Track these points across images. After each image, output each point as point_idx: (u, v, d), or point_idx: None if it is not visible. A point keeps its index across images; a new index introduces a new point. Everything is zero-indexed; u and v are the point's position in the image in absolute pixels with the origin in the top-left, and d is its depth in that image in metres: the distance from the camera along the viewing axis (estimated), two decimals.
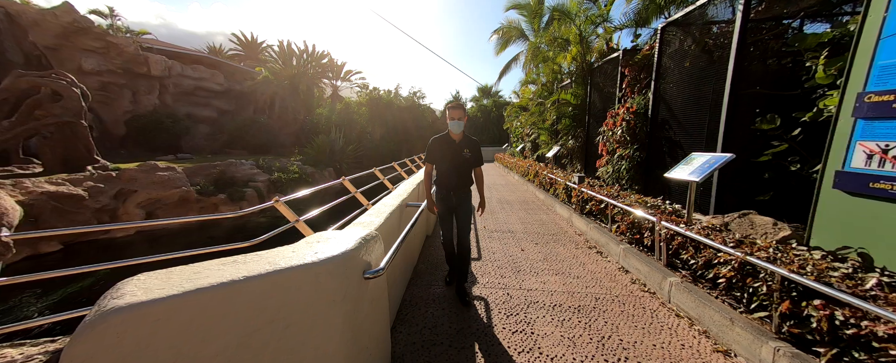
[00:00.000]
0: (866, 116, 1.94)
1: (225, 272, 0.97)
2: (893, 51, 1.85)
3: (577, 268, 3.26)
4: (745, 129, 3.00)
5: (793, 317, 1.69)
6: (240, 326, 0.93)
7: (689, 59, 3.68)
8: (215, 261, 1.07)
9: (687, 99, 3.68)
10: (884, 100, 1.86)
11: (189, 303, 0.85)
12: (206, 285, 0.89)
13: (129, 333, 0.78)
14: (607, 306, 2.50)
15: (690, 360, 1.87)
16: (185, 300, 0.84)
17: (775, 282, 1.78)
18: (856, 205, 2.00)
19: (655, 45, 4.18)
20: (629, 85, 4.96)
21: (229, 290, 0.91)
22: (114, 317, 0.77)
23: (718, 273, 2.18)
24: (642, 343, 2.04)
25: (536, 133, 9.67)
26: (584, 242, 4.12)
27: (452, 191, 2.50)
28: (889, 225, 1.84)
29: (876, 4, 1.93)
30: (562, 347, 2.00)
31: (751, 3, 2.84)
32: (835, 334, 1.49)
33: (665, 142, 4.12)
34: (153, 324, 0.80)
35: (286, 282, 1.02)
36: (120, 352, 0.76)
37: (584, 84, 6.66)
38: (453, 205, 2.54)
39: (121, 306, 0.79)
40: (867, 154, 1.94)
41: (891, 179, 1.83)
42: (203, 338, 0.87)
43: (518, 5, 17.52)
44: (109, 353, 0.76)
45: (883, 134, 1.87)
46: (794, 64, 2.67)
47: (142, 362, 0.79)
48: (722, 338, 2.00)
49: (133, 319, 0.78)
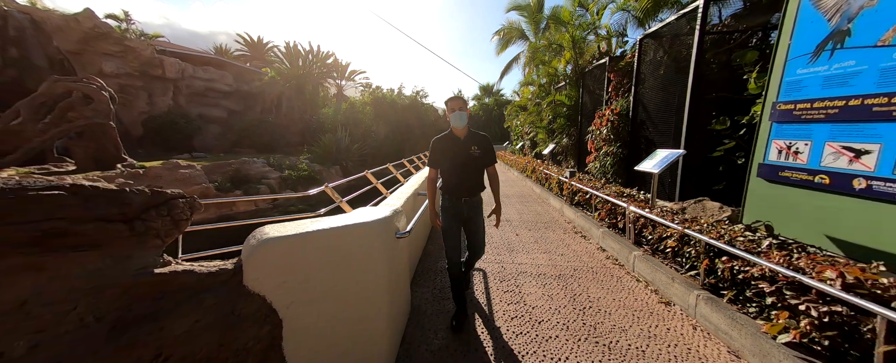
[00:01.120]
0: (778, 120, 2.50)
1: (316, 224, 1.56)
2: (795, 70, 2.40)
3: (562, 249, 3.84)
4: (703, 129, 3.56)
5: (711, 273, 2.27)
6: (328, 255, 1.52)
7: (662, 68, 4.22)
8: (307, 220, 1.66)
9: (660, 102, 4.23)
10: (788, 108, 2.41)
11: (299, 238, 1.43)
12: (310, 230, 1.48)
13: (274, 250, 1.37)
14: (582, 275, 3.09)
15: (639, 309, 2.45)
16: (296, 237, 1.43)
17: (700, 247, 2.35)
18: (771, 189, 2.57)
19: (635, 55, 4.72)
20: (614, 89, 5.50)
21: (320, 233, 1.50)
22: (266, 242, 1.36)
23: (667, 244, 2.75)
24: (605, 298, 2.62)
25: (534, 131, 10.21)
26: (572, 229, 4.69)
27: (463, 197, 2.11)
28: (791, 203, 2.40)
29: (785, 32, 2.48)
30: (541, 300, 2.59)
31: (706, 22, 3.38)
32: (734, 279, 2.07)
33: (643, 140, 4.67)
34: (285, 247, 1.39)
35: (353, 231, 1.61)
36: (270, 258, 1.36)
37: (577, 86, 7.20)
38: (464, 216, 2.15)
39: (269, 237, 1.38)
40: (778, 150, 2.50)
41: (792, 169, 2.39)
42: (308, 259, 1.46)
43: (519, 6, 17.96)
44: (266, 260, 1.35)
45: (788, 134, 2.43)
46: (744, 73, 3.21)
47: (280, 264, 1.38)
48: (665, 293, 2.58)
49: (275, 244, 1.37)
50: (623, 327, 2.20)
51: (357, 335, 1.63)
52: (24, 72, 13.36)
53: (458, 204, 2.13)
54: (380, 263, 1.71)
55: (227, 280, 1.27)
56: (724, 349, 1.95)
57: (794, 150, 2.38)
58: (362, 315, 1.64)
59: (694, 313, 2.26)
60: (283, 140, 21.15)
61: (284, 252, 1.39)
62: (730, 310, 2.01)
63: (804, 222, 2.32)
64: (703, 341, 2.04)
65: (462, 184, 2.11)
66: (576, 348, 1.99)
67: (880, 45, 1.89)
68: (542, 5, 17.03)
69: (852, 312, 1.46)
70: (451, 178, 2.13)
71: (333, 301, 1.53)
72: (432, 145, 2.18)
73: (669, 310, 2.42)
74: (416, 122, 22.60)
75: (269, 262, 1.36)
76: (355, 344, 1.63)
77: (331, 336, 1.55)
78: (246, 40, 35.31)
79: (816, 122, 2.22)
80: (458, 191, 2.11)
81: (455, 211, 2.14)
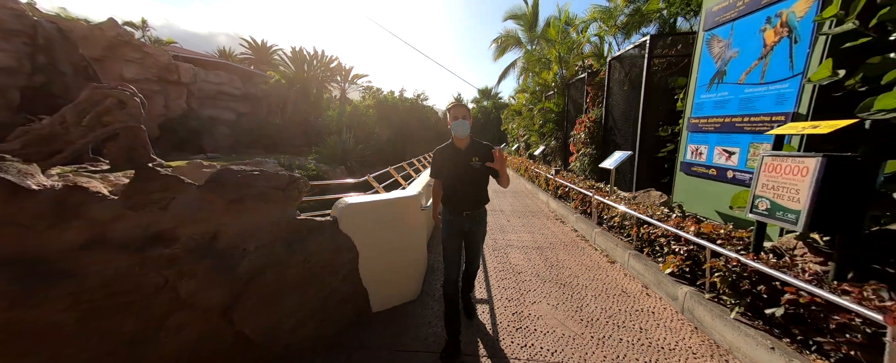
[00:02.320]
0: (690, 130, 3.47)
1: (373, 197, 2.51)
2: (700, 95, 3.37)
3: (544, 230, 4.80)
4: (653, 135, 4.53)
5: (639, 238, 3.23)
6: (386, 215, 2.46)
7: (625, 85, 5.20)
8: (368, 194, 2.61)
9: (623, 112, 5.20)
10: (696, 122, 3.39)
11: (368, 204, 2.38)
12: (375, 199, 2.44)
13: (351, 210, 2.31)
14: (556, 247, 4.05)
15: (592, 266, 3.41)
16: (367, 203, 2.38)
17: (633, 220, 3.31)
18: (688, 180, 3.54)
19: (606, 73, 5.71)
20: (592, 99, 6.49)
21: (381, 201, 2.45)
22: (348, 205, 2.30)
23: (615, 222, 3.72)
24: (569, 261, 3.58)
25: (528, 134, 11.18)
26: (554, 216, 5.66)
27: (464, 211, 1.99)
28: (697, 189, 3.37)
29: (694, 68, 3.46)
30: (522, 261, 3.54)
31: (653, 51, 4.37)
32: (650, 240, 3.03)
33: (612, 143, 5.65)
34: (360, 208, 2.34)
35: (396, 202, 2.55)
36: (349, 215, 2.30)
37: (564, 95, 8.18)
38: (465, 231, 2.04)
39: (348, 203, 2.32)
40: (691, 152, 3.47)
41: (698, 165, 3.36)
42: (372, 217, 2.41)
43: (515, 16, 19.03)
44: (347, 216, 2.29)
45: (696, 140, 3.41)
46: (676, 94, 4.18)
47: (355, 219, 2.32)
48: (612, 255, 3.54)
49: (352, 207, 2.32)
50: (577, 275, 3.17)
51: (396, 270, 2.58)
52: (50, 77, 14.23)
53: (459, 218, 2.01)
54: (411, 224, 2.66)
55: (332, 224, 2.22)
56: (640, 284, 2.92)
57: (699, 152, 3.35)
58: (400, 257, 2.59)
59: (627, 265, 3.23)
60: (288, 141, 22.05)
61: (356, 212, 2.34)
62: (646, 260, 2.98)
63: (703, 202, 3.28)
64: (628, 281, 3.00)
65: (462, 198, 1.98)
66: (541, 285, 2.95)
67: (740, 83, 2.86)
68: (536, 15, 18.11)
69: (698, 249, 2.42)
70: (450, 191, 2.04)
71: (383, 246, 2.48)
72: (433, 155, 2.14)
73: (613, 266, 3.39)
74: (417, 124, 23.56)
75: (349, 217, 2.30)
76: (394, 275, 2.57)
77: (382, 268, 2.49)
78: (250, 44, 36.14)
79: (710, 132, 3.19)
80: (459, 205, 2.00)
81: (456, 225, 2.02)
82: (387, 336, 2.20)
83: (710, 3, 3.26)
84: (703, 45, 3.33)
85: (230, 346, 1.80)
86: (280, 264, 1.95)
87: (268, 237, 1.92)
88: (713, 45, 3.19)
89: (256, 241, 1.88)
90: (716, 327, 2.07)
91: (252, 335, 1.84)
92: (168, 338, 1.62)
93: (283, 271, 1.97)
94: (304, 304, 2.06)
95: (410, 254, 2.65)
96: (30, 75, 13.53)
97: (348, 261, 2.27)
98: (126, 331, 1.52)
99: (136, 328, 1.54)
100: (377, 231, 2.42)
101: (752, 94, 2.73)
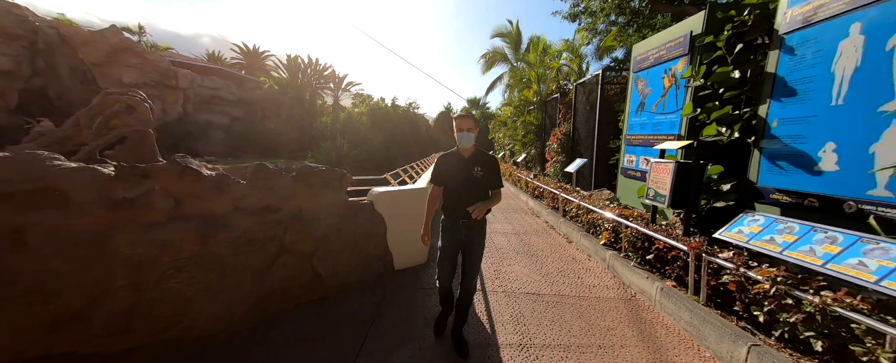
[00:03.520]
0: (626, 144, 4.69)
1: (394, 188, 3.52)
2: (632, 118, 4.60)
3: (522, 222, 5.91)
4: (606, 147, 5.76)
5: (587, 223, 4.36)
6: (403, 203, 3.48)
7: (587, 105, 6.46)
8: (390, 186, 3.62)
9: (585, 128, 6.44)
10: (630, 138, 4.60)
11: (390, 193, 3.39)
12: (396, 190, 3.45)
13: (383, 197, 3.31)
14: (530, 233, 5.14)
15: (555, 245, 4.51)
16: (391, 192, 3.38)
17: (584, 210, 4.46)
18: (625, 181, 4.74)
19: (573, 95, 6.98)
20: (563, 115, 7.75)
21: (400, 192, 3.47)
22: (379, 193, 3.31)
23: (575, 213, 4.87)
24: (539, 242, 4.67)
25: (513, 143, 12.42)
26: (532, 212, 6.79)
27: (461, 219, 2.00)
28: (630, 188, 4.57)
29: (628, 98, 4.70)
30: (503, 242, 4.61)
31: (606, 79, 5.63)
32: (593, 224, 4.17)
33: (577, 152, 6.88)
34: (387, 195, 3.34)
35: (410, 192, 3.57)
36: (380, 199, 3.30)
37: (542, 111, 9.46)
38: (462, 241, 2.04)
39: (381, 191, 3.33)
40: (627, 160, 4.68)
41: (630, 170, 4.56)
42: (395, 202, 3.41)
43: (501, 34, 20.61)
44: (379, 200, 3.28)
45: (629, 152, 4.62)
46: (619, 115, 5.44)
47: (383, 203, 3.32)
48: (570, 237, 4.66)
49: (384, 194, 3.32)
50: (542, 250, 4.26)
51: (410, 241, 3.56)
52: (48, 80, 14.43)
53: (456, 226, 2.02)
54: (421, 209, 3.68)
55: (370, 206, 3.21)
56: (585, 254, 4.03)
57: (631, 160, 4.56)
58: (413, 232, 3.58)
59: (579, 243, 4.35)
60: (282, 146, 22.57)
61: (385, 198, 3.34)
62: (591, 238, 4.11)
63: (634, 196, 4.47)
64: (578, 252, 4.12)
65: (461, 207, 1.95)
66: (516, 256, 4.02)
67: (652, 112, 4.09)
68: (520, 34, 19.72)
69: (620, 226, 3.56)
70: (450, 199, 2.05)
71: (402, 223, 3.47)
72: (436, 161, 2.16)
73: (570, 244, 4.51)
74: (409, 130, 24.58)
75: (380, 201, 3.30)
76: (410, 244, 3.56)
77: (401, 239, 3.48)
78: (241, 48, 36.39)
79: (637, 145, 4.40)
80: (457, 214, 2.00)
81: (453, 233, 2.04)
82: (406, 282, 3.19)
83: (636, 52, 4.52)
84: (632, 83, 4.57)
85: (309, 281, 2.75)
86: (338, 230, 2.93)
87: (331, 212, 2.91)
88: (638, 83, 4.43)
89: (325, 214, 2.86)
90: (624, 273, 3.19)
91: (323, 274, 2.80)
92: (277, 271, 2.57)
93: (340, 235, 2.95)
94: (352, 259, 3.03)
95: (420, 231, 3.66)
96: (29, 78, 13.74)
97: (381, 232, 3.26)
98: (256, 263, 2.47)
99: (261, 262, 2.49)
100: (398, 212, 3.42)
101: (659, 120, 3.95)
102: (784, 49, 2.40)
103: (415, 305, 2.76)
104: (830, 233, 1.88)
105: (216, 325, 2.32)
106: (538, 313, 2.64)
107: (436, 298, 2.79)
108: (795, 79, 2.30)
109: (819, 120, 2.12)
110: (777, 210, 2.41)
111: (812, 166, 2.16)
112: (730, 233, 2.37)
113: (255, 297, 2.49)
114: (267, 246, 2.54)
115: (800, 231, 1.97)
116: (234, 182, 2.55)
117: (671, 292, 2.52)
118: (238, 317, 2.41)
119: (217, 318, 2.34)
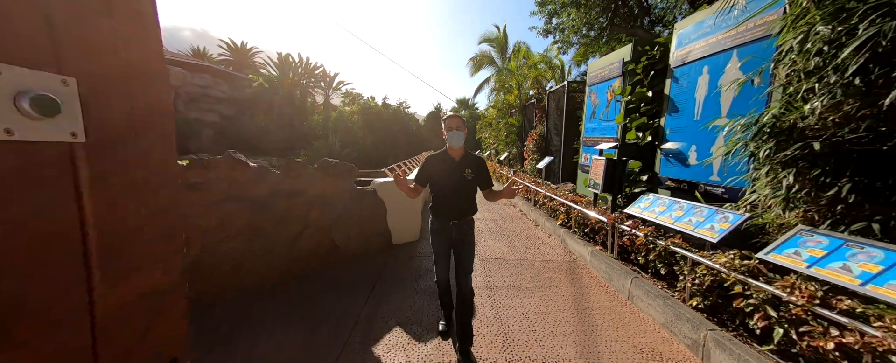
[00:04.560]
0: (584, 145, 5.68)
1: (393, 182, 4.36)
2: (588, 122, 5.59)
3: (501, 212, 6.85)
4: (571, 146, 6.76)
5: (550, 209, 5.32)
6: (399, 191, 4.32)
7: (558, 110, 7.45)
8: (391, 178, 4.45)
9: (555, 130, 7.44)
10: (585, 139, 5.60)
11: (389, 183, 4.23)
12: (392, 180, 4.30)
13: (384, 185, 4.14)
14: (506, 219, 6.08)
15: (525, 228, 5.45)
16: (389, 182, 4.23)
17: (555, 202, 5.42)
18: (582, 175, 5.73)
19: (546, 101, 7.97)
20: (538, 118, 8.74)
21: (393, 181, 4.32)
22: (381, 182, 4.14)
23: (545, 204, 5.84)
24: (512, 227, 5.60)
25: (497, 143, 13.40)
26: (510, 204, 7.75)
27: (452, 220, 2.01)
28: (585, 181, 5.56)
29: (585, 105, 5.69)
30: (482, 226, 5.52)
31: (571, 89, 6.63)
32: (568, 216, 5.14)
33: (549, 152, 7.88)
34: (386, 184, 4.18)
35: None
36: (383, 187, 4.13)
37: (522, 114, 10.45)
38: (453, 240, 2.06)
39: (381, 181, 4.16)
40: (584, 158, 5.68)
41: (586, 166, 5.56)
42: (392, 190, 4.25)
43: (488, 39, 21.58)
44: (380, 188, 4.12)
45: (586, 150, 5.61)
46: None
47: (384, 190, 4.16)
48: (538, 222, 5.63)
49: (384, 183, 4.16)
50: (514, 231, 5.19)
51: (406, 220, 4.41)
52: None
53: (446, 227, 2.04)
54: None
55: (373, 192, 4.04)
56: (547, 234, 5.00)
57: (586, 158, 5.55)
58: (407, 214, 4.44)
59: (544, 226, 5.31)
60: (272, 144, 22.83)
61: (385, 186, 4.18)
62: (552, 221, 5.07)
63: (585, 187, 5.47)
64: (541, 233, 5.07)
65: (452, 208, 1.99)
66: (492, 236, 4.93)
67: (600, 119, 5.08)
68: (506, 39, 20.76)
69: (568, 209, 4.52)
70: (441, 201, 2.05)
71: (398, 207, 4.31)
72: (424, 162, 2.15)
73: (537, 227, 5.47)
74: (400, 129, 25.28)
75: (382, 189, 4.14)
76: (408, 222, 4.40)
77: (398, 219, 4.31)
78: (229, 45, 36.00)
79: (591, 146, 5.39)
80: (448, 215, 2.03)
81: (444, 234, 2.05)
82: (403, 253, 4.05)
83: (590, 69, 5.51)
84: (587, 94, 5.56)
85: (328, 250, 3.57)
86: (350, 210, 3.75)
87: (343, 196, 3.73)
88: (591, 95, 5.42)
89: (339, 198, 3.68)
90: (570, 243, 4.15)
91: (339, 244, 3.62)
92: (304, 240, 3.38)
93: (352, 215, 3.77)
94: (361, 233, 3.86)
95: (413, 213, 4.52)
96: None
97: (382, 214, 4.10)
98: (288, 234, 3.27)
99: (292, 233, 3.29)
100: (395, 198, 4.27)
101: (604, 126, 4.94)
102: (673, 78, 3.38)
103: (409, 267, 3.62)
104: (682, 203, 2.86)
105: (262, 279, 3.11)
106: (502, 270, 3.55)
107: (426, 261, 3.66)
108: (679, 100, 3.28)
109: (688, 129, 3.10)
110: (668, 192, 3.39)
111: (685, 161, 3.13)
112: (634, 208, 3.34)
113: (288, 259, 3.29)
114: (296, 221, 3.34)
115: (669, 203, 2.94)
116: (271, 172, 3.34)
117: (597, 253, 3.49)
118: (277, 274, 3.21)
119: (261, 274, 3.13)
